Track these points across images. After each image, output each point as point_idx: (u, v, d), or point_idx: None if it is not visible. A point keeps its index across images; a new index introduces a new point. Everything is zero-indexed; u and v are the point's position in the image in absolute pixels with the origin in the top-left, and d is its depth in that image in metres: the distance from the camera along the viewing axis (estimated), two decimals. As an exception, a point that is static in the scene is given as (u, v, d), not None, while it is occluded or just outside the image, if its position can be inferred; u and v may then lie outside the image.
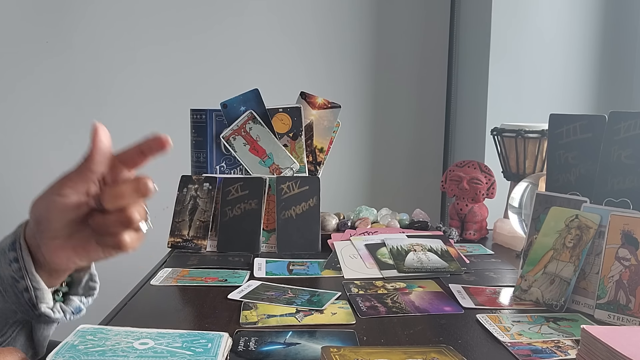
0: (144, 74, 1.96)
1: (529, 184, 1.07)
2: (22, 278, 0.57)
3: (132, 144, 0.58)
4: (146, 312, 0.77)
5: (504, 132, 1.23)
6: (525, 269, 0.82)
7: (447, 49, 1.98)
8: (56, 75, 1.94)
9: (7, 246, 0.59)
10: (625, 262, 0.72)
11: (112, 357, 0.50)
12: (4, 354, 0.50)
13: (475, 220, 1.17)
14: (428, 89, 2.02)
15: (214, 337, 0.57)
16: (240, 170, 1.16)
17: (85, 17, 1.93)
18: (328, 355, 0.54)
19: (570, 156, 0.84)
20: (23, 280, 0.57)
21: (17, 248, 0.58)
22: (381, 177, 2.07)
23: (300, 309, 0.75)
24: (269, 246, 1.07)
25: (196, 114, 1.17)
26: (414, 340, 0.66)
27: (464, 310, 0.76)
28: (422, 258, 0.97)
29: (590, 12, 1.68)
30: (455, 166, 1.21)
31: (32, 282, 0.57)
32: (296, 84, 1.82)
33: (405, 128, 2.04)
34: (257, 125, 1.11)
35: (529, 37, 1.67)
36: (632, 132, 0.76)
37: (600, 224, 0.76)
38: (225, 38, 1.97)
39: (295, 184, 1.09)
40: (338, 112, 1.16)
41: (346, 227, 1.14)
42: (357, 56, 2.01)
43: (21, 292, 0.58)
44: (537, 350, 0.63)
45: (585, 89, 1.71)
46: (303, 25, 1.99)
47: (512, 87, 1.69)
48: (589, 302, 0.76)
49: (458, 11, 1.94)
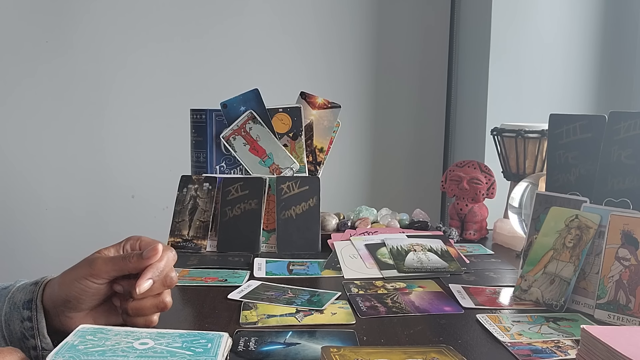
0: (144, 74, 1.96)
1: (529, 184, 1.07)
2: (33, 337, 0.58)
3: None
4: (146, 312, 0.76)
5: (504, 132, 1.23)
6: (525, 269, 0.82)
7: (447, 49, 1.98)
8: (56, 76, 1.94)
9: (23, 303, 0.59)
10: (625, 262, 0.72)
11: (112, 357, 0.50)
12: (4, 354, 0.50)
13: (475, 220, 1.17)
14: (428, 89, 2.02)
15: (214, 337, 0.57)
16: (240, 170, 1.16)
17: (85, 18, 1.93)
18: (328, 355, 0.54)
19: (570, 156, 0.84)
20: (33, 340, 0.58)
21: (32, 308, 0.59)
22: (381, 177, 2.07)
23: (300, 309, 0.75)
24: (269, 246, 1.07)
25: (196, 114, 1.17)
26: (414, 340, 0.66)
27: (464, 310, 0.76)
28: (422, 258, 0.97)
29: (591, 12, 1.68)
30: (455, 166, 1.21)
31: (43, 343, 0.58)
32: (296, 84, 1.82)
33: (405, 128, 2.04)
34: (257, 125, 1.11)
35: (529, 37, 1.67)
36: (632, 132, 0.76)
37: (600, 224, 0.76)
38: (225, 38, 1.97)
39: (295, 184, 1.09)
40: (338, 112, 1.16)
41: (346, 227, 1.14)
42: (357, 56, 2.01)
43: (28, 349, 0.59)
44: (537, 350, 0.63)
45: (585, 89, 1.71)
46: (303, 25, 1.99)
47: (512, 87, 1.69)
48: (589, 302, 0.76)
49: (458, 11, 1.94)
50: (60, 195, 1.96)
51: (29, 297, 0.59)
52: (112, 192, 1.97)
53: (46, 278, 0.62)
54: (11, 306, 0.60)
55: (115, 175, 1.97)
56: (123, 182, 1.97)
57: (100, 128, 1.96)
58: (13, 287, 0.61)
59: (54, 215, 1.97)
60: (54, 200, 1.97)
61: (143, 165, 1.95)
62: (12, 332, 0.59)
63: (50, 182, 1.95)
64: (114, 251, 0.61)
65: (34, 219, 1.97)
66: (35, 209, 1.97)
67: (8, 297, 0.61)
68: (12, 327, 0.59)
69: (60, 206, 1.97)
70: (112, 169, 1.97)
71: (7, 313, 0.60)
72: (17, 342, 0.59)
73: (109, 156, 1.97)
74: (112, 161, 1.97)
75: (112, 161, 1.97)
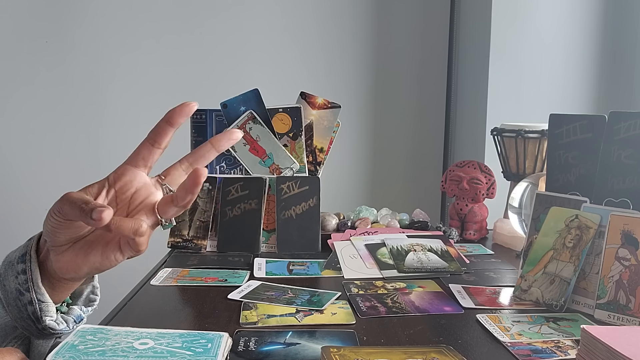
0: (143, 74, 1.96)
1: (529, 184, 1.07)
2: (28, 291, 0.58)
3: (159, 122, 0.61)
4: (146, 312, 0.76)
5: (504, 132, 1.23)
6: (525, 269, 0.82)
7: (447, 49, 1.98)
8: (56, 75, 1.94)
9: (17, 258, 0.59)
10: (625, 262, 0.72)
11: (112, 357, 0.50)
12: (4, 354, 0.50)
13: (475, 220, 1.17)
14: (428, 89, 2.02)
15: (214, 337, 0.57)
16: (240, 170, 1.16)
17: (85, 17, 1.93)
18: (328, 355, 0.54)
19: (570, 156, 0.84)
20: (28, 293, 0.58)
21: (26, 260, 0.58)
22: (381, 177, 2.07)
23: (300, 309, 0.75)
24: (269, 246, 1.07)
25: (196, 114, 1.17)
26: (414, 340, 0.66)
27: (464, 310, 0.76)
28: (422, 258, 0.97)
29: (591, 12, 1.68)
30: (455, 166, 1.21)
31: (37, 294, 0.58)
32: (296, 83, 1.82)
33: (405, 128, 2.04)
34: (257, 125, 1.11)
35: (529, 37, 1.67)
36: (632, 132, 0.76)
37: (600, 224, 0.76)
38: (225, 38, 1.97)
39: (295, 184, 1.09)
40: (338, 112, 1.16)
41: (346, 227, 1.14)
42: (357, 56, 2.01)
43: (24, 306, 0.58)
44: (537, 350, 0.63)
45: (585, 89, 1.71)
46: (303, 26, 1.99)
47: (512, 87, 1.69)
48: (589, 302, 0.76)
49: (458, 11, 1.94)
50: (60, 194, 1.96)
51: (22, 252, 0.59)
52: (112, 192, 1.97)
53: (38, 233, 0.61)
54: (7, 265, 0.60)
55: (115, 175, 1.97)
56: (123, 182, 1.96)
57: (100, 128, 1.96)
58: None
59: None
60: (53, 200, 1.96)
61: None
62: (8, 292, 0.58)
63: (50, 181, 1.95)
64: (97, 187, 0.59)
65: (34, 219, 1.96)
66: (35, 209, 1.97)
67: (3, 260, 0.60)
68: (7, 286, 0.59)
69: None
70: (112, 168, 1.96)
71: (2, 274, 0.59)
72: (13, 304, 0.58)
73: (109, 156, 1.97)
74: (112, 161, 1.96)
75: (112, 161, 1.96)
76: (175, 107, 0.60)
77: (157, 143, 0.61)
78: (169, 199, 0.59)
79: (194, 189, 0.57)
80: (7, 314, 0.59)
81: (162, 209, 0.58)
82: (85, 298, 0.65)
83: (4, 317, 0.59)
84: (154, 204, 0.59)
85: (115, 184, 0.59)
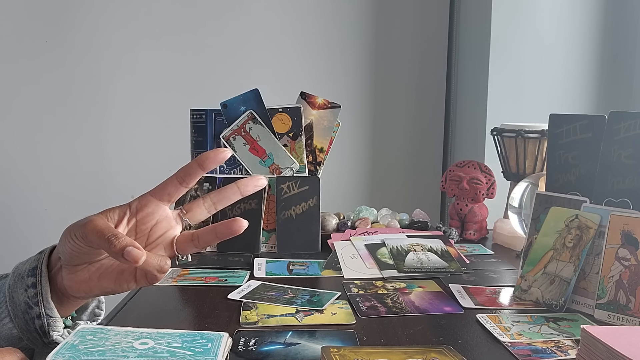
0: (143, 74, 1.96)
1: (529, 184, 1.07)
2: (37, 305, 0.58)
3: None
4: (146, 312, 0.76)
5: (504, 132, 1.23)
6: (525, 269, 0.82)
7: (447, 48, 1.98)
8: (56, 75, 1.94)
9: (27, 271, 0.59)
10: (625, 262, 0.72)
11: (112, 357, 0.50)
12: (4, 354, 0.50)
13: (475, 220, 1.17)
14: (428, 89, 2.02)
15: (214, 337, 0.57)
16: (240, 170, 1.16)
17: (85, 17, 1.93)
18: (328, 355, 0.54)
19: (570, 156, 0.84)
20: (37, 307, 0.58)
21: (37, 274, 0.59)
22: (381, 177, 2.07)
23: (300, 309, 0.75)
24: (269, 246, 1.07)
25: (196, 114, 1.17)
26: (414, 340, 0.66)
27: (464, 310, 0.76)
28: (422, 258, 0.97)
29: (591, 12, 1.68)
30: (455, 166, 1.21)
31: (46, 309, 0.58)
32: (296, 83, 1.82)
33: (405, 128, 2.04)
34: (257, 125, 1.11)
35: (529, 37, 1.67)
36: (632, 132, 0.76)
37: (600, 224, 0.76)
38: (225, 38, 1.97)
39: (295, 184, 1.09)
40: (338, 112, 1.16)
41: (346, 227, 1.14)
42: (357, 56, 2.01)
43: (32, 319, 0.58)
44: (537, 350, 0.63)
45: (585, 89, 1.71)
46: (303, 26, 1.99)
47: (512, 87, 1.69)
48: (589, 302, 0.76)
49: (458, 11, 1.94)
50: (60, 195, 1.96)
51: (33, 265, 0.59)
52: (111, 192, 1.97)
53: (50, 247, 0.62)
54: (16, 277, 0.60)
55: (115, 175, 1.97)
56: (123, 182, 1.97)
57: (100, 128, 1.96)
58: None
59: (54, 215, 1.97)
60: (53, 200, 1.97)
61: (143, 165, 1.95)
62: (16, 304, 0.59)
63: (50, 181, 1.95)
64: (119, 213, 0.59)
65: (34, 219, 1.97)
66: (35, 209, 1.97)
67: (12, 271, 0.61)
68: (16, 299, 0.59)
69: (60, 206, 1.97)
70: (112, 168, 1.97)
71: (11, 285, 0.60)
72: (20, 317, 0.58)
73: (108, 156, 1.97)
74: (112, 161, 1.97)
75: (112, 161, 1.97)
76: (209, 153, 0.60)
77: (185, 182, 0.61)
78: (189, 236, 0.60)
79: (226, 237, 0.59)
80: (14, 325, 0.59)
81: (181, 246, 0.60)
82: (90, 312, 0.66)
83: (10, 329, 0.59)
84: (172, 239, 0.60)
85: (137, 213, 0.60)
